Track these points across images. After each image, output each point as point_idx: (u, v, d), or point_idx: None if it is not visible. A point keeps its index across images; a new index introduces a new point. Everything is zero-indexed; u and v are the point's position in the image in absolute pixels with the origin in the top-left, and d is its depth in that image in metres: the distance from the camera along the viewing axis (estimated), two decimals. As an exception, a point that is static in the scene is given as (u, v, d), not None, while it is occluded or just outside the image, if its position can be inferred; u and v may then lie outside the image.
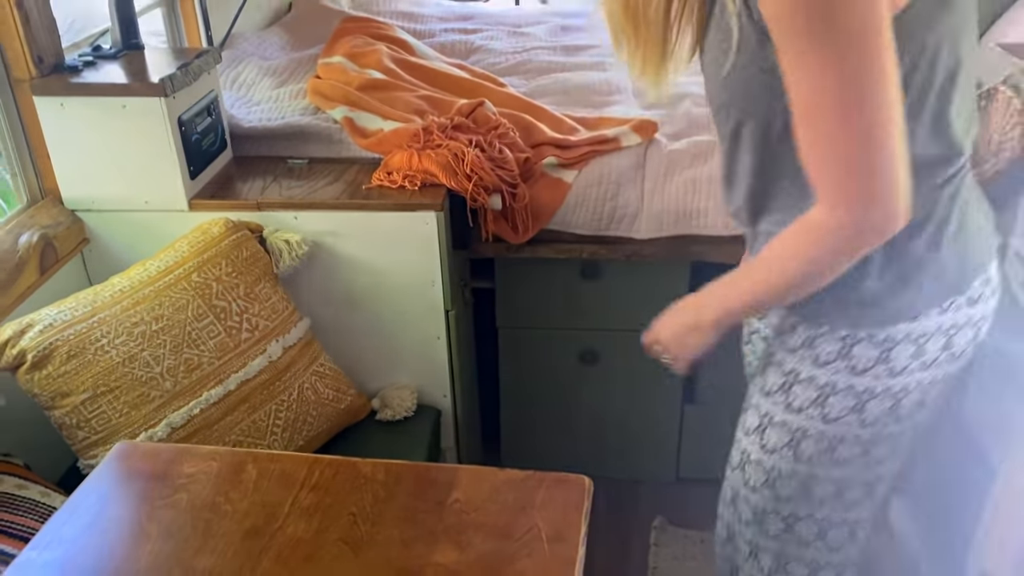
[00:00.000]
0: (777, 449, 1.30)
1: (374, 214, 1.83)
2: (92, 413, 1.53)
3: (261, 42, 2.73)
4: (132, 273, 1.66)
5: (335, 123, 2.07)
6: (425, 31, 2.97)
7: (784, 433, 1.29)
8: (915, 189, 1.01)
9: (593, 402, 2.31)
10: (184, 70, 1.77)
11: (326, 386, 1.82)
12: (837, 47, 0.93)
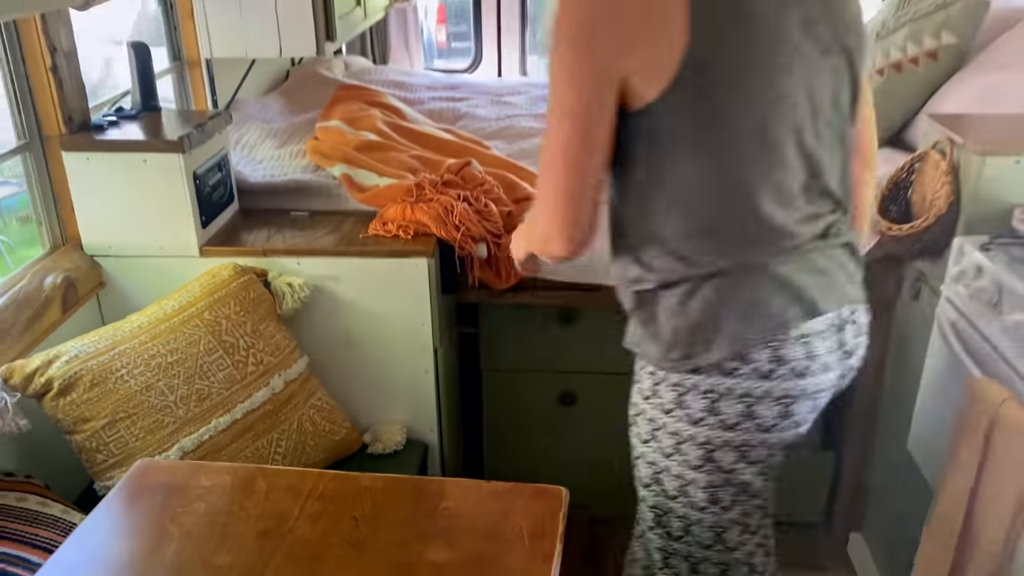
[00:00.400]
0: (641, 480, 1.53)
1: (371, 260, 2.00)
2: (111, 437, 1.66)
3: (262, 107, 2.94)
4: (149, 311, 1.82)
5: (334, 179, 2.25)
6: (415, 99, 3.18)
7: (643, 464, 1.50)
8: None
9: (572, 441, 2.45)
10: (200, 129, 1.96)
11: (323, 419, 1.96)
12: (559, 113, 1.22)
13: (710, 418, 1.36)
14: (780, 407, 1.35)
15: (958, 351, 1.74)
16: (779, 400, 1.34)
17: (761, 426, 1.36)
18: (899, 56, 2.59)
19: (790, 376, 1.33)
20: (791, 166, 1.30)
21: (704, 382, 1.34)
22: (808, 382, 1.35)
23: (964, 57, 2.53)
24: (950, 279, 1.84)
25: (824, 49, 1.29)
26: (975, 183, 1.82)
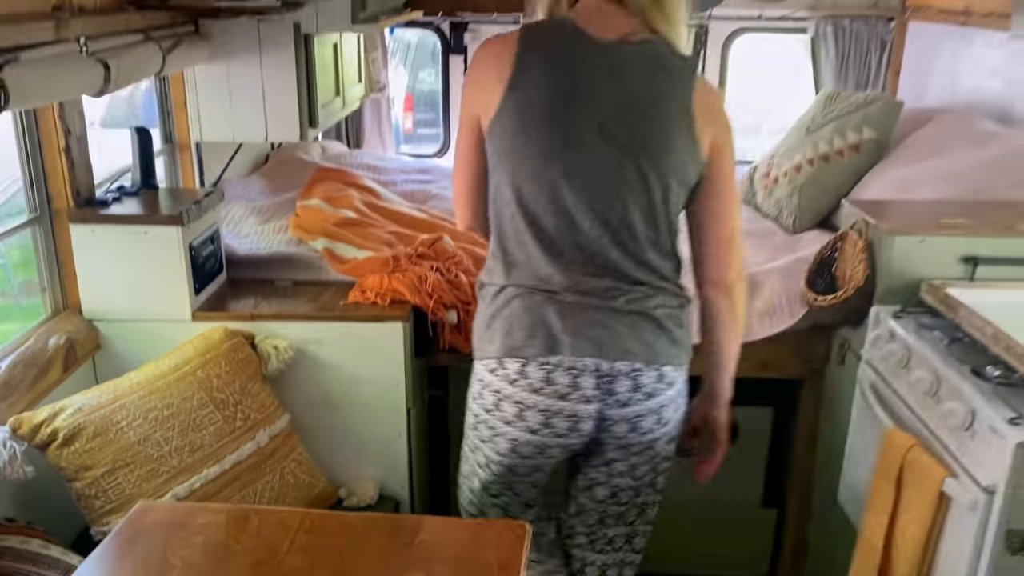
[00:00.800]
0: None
1: (350, 324, 2.19)
2: (109, 484, 1.80)
3: (245, 187, 3.14)
4: (147, 369, 1.98)
5: (316, 252, 2.45)
6: (389, 180, 3.42)
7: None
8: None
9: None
10: (197, 205, 2.16)
11: (303, 472, 2.11)
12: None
13: (496, 411, 1.69)
14: (543, 417, 1.65)
15: (875, 406, 1.96)
16: (543, 411, 1.65)
17: (529, 428, 1.67)
18: (827, 149, 2.89)
19: (553, 395, 1.64)
20: (553, 228, 1.62)
21: (495, 382, 1.68)
22: (566, 404, 1.64)
23: (883, 150, 2.85)
24: (869, 344, 2.08)
25: (614, 149, 1.59)
26: (887, 259, 2.08)
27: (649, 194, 1.61)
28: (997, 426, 1.56)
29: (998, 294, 1.99)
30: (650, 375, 1.64)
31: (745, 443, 2.62)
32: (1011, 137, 2.51)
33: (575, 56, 1.60)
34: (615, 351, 1.62)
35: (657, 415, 1.68)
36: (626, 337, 1.63)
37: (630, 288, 1.64)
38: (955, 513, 1.66)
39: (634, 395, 1.64)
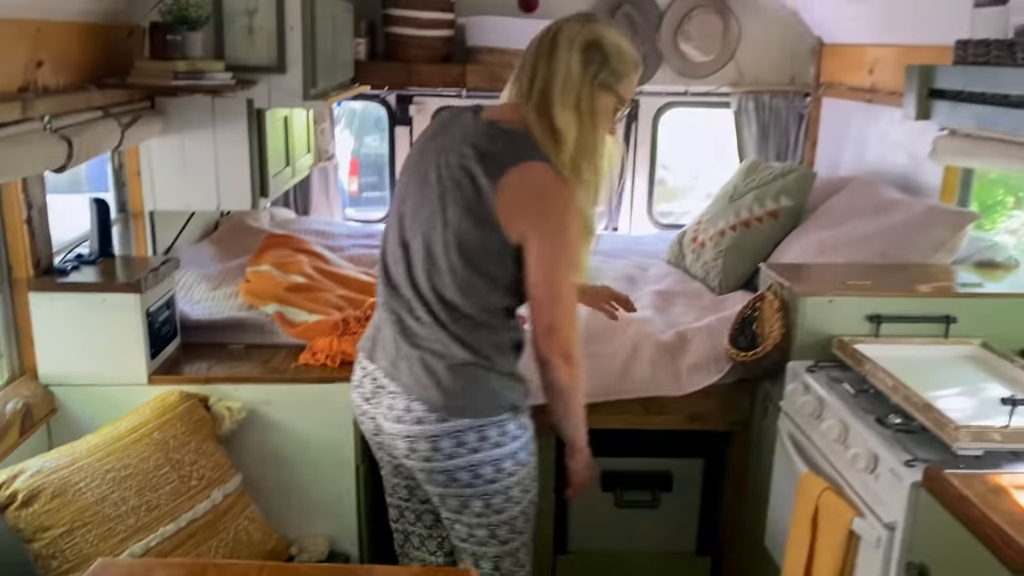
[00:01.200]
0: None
1: (301, 386, 2.30)
2: (67, 545, 1.86)
3: (196, 253, 3.24)
4: (104, 431, 2.05)
5: (268, 316, 2.56)
6: (337, 246, 3.54)
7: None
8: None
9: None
10: (154, 273, 2.26)
11: (256, 529, 2.19)
12: None
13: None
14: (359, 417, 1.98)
15: (792, 453, 2.13)
16: (360, 414, 1.97)
17: (366, 430, 1.98)
18: (747, 215, 3.11)
19: (358, 399, 1.96)
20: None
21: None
22: (367, 407, 1.93)
23: (799, 216, 3.08)
24: (787, 396, 2.26)
25: (436, 207, 1.81)
26: (801, 318, 2.27)
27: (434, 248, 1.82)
28: (896, 468, 1.73)
29: (900, 349, 2.19)
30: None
31: (678, 493, 2.77)
32: (912, 205, 2.75)
33: (449, 124, 1.88)
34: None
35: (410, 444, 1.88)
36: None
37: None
38: (863, 549, 1.82)
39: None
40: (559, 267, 1.79)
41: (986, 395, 1.95)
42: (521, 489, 1.91)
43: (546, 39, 1.80)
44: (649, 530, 2.81)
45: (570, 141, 1.77)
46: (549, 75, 1.77)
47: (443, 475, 1.86)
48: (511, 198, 1.74)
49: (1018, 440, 1.70)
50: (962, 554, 1.50)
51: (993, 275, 2.48)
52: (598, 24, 1.82)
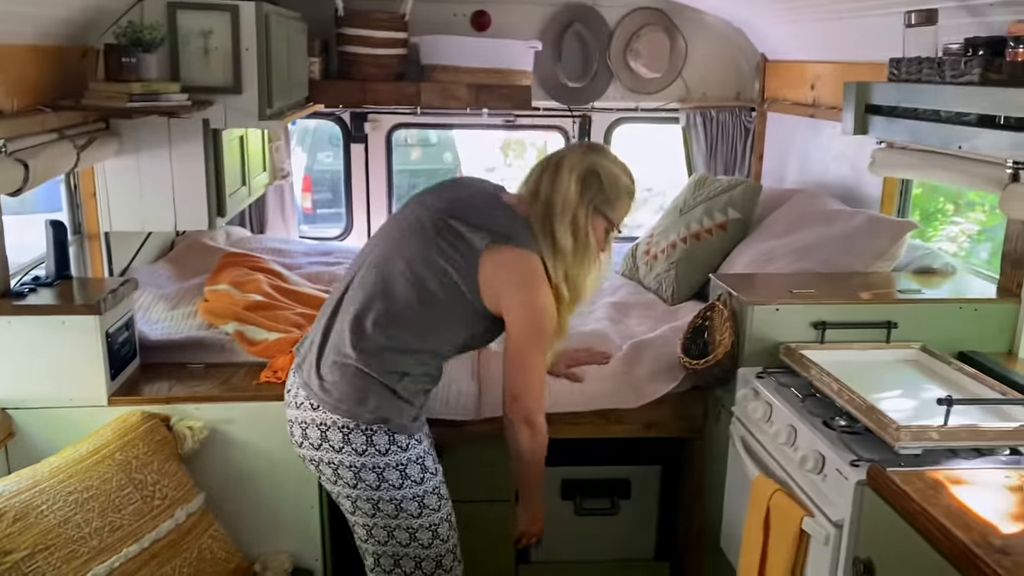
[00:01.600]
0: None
1: (262, 404, 2.31)
2: (30, 568, 1.85)
3: (152, 273, 3.23)
4: (66, 453, 2.05)
5: (227, 335, 2.57)
6: (294, 263, 3.55)
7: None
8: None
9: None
10: (113, 294, 2.26)
11: (219, 548, 2.20)
12: None
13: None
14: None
15: (744, 457, 2.20)
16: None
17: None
18: (697, 228, 3.20)
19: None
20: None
21: None
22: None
23: (747, 228, 3.18)
24: (738, 401, 2.33)
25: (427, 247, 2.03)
26: (749, 326, 2.35)
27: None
28: (842, 468, 1.81)
29: (844, 354, 2.28)
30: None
31: (637, 500, 2.83)
32: (853, 215, 2.87)
33: (470, 189, 2.20)
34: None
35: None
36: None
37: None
38: (813, 547, 1.89)
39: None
40: (531, 345, 2.04)
41: (925, 396, 2.05)
42: (394, 506, 2.03)
43: (552, 161, 2.10)
44: (609, 537, 2.87)
45: (567, 252, 2.04)
46: (551, 193, 2.04)
47: (311, 464, 2.05)
48: (498, 273, 1.99)
49: (954, 438, 1.79)
50: (905, 547, 1.58)
51: (931, 282, 2.59)
52: (599, 155, 2.10)
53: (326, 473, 2.03)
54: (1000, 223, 2.61)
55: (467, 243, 1.99)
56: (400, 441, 2.00)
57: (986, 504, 1.56)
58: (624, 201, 2.11)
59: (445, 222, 2.02)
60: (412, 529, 2.06)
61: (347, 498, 2.05)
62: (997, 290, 2.46)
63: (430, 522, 2.07)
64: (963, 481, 1.65)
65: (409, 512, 2.04)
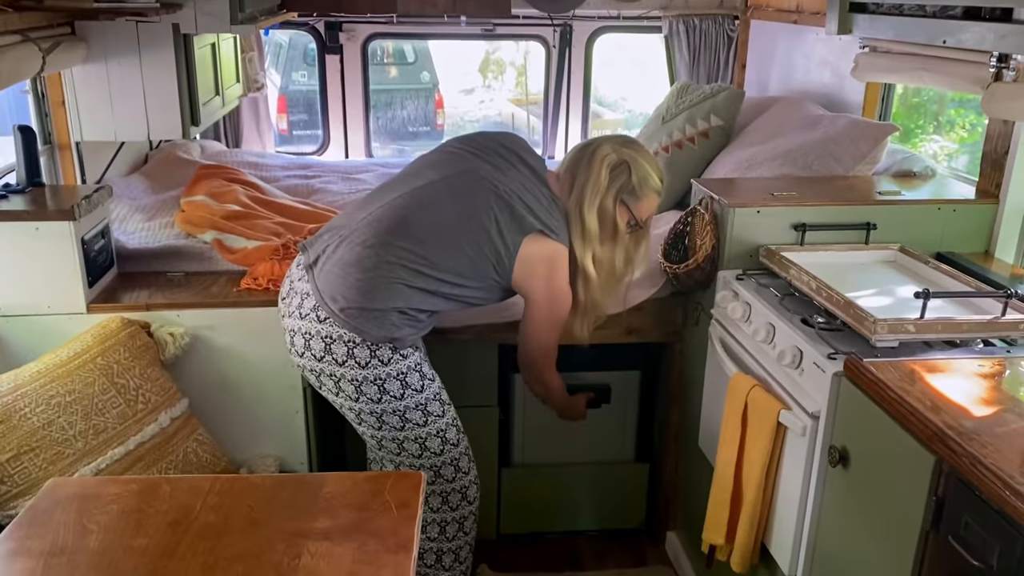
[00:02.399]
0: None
1: (244, 310, 2.31)
2: (15, 469, 1.86)
3: (127, 186, 3.18)
4: (46, 359, 2.04)
5: (206, 244, 2.55)
6: (271, 177, 3.51)
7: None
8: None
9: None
10: (88, 200, 2.22)
11: (205, 452, 2.21)
12: None
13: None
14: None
15: (722, 356, 2.23)
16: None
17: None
18: (680, 136, 3.18)
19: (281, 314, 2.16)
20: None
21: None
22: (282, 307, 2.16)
23: (729, 135, 3.16)
24: (717, 303, 2.35)
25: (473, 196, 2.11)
26: (730, 229, 2.35)
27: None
28: (819, 362, 1.84)
29: (823, 255, 2.29)
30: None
31: (617, 404, 2.87)
32: (835, 119, 2.85)
33: (520, 152, 2.22)
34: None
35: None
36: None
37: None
38: (790, 439, 1.94)
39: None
40: (548, 327, 2.22)
41: (903, 294, 2.07)
42: (398, 418, 2.09)
43: (589, 148, 2.19)
44: (590, 441, 2.92)
45: (594, 236, 2.15)
46: (585, 182, 2.14)
47: (312, 374, 2.09)
48: (535, 260, 2.11)
49: (930, 331, 1.82)
50: (879, 434, 1.61)
51: (911, 184, 2.59)
52: (633, 150, 2.19)
53: (327, 385, 2.07)
54: (979, 141, 2.61)
55: (517, 224, 2.07)
56: (401, 351, 2.06)
57: (959, 390, 1.59)
58: (650, 198, 2.21)
59: (505, 196, 2.08)
60: (421, 439, 2.12)
61: (351, 411, 2.10)
62: (976, 191, 2.47)
63: (436, 428, 2.13)
64: (937, 370, 1.68)
65: (415, 422, 2.09)
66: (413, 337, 2.11)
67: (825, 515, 1.84)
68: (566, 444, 2.91)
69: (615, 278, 2.27)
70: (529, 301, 2.19)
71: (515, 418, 2.89)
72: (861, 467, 1.70)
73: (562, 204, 2.16)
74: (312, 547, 1.50)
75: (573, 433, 2.83)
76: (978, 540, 1.35)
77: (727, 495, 2.09)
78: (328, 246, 2.07)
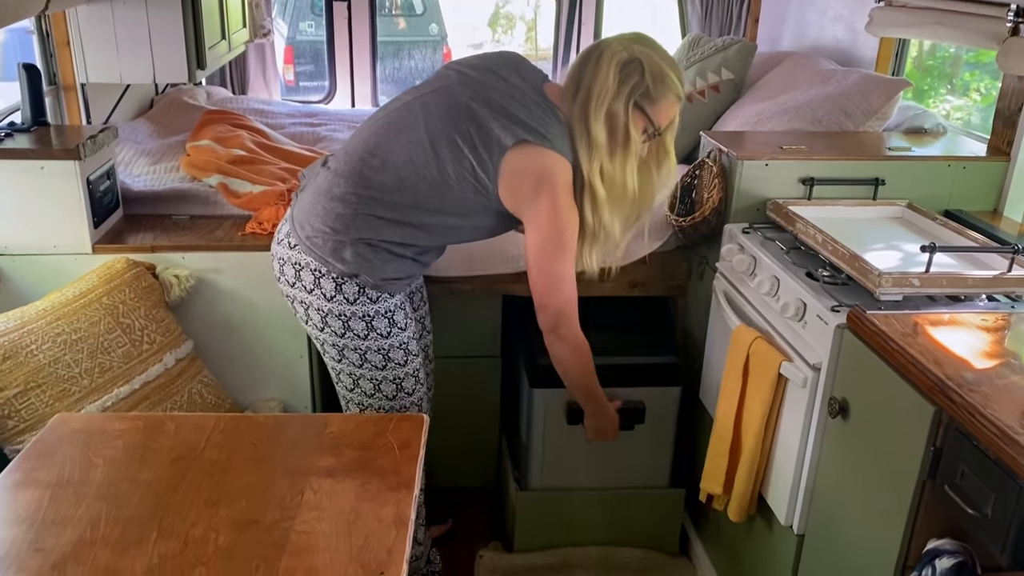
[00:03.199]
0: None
1: (249, 254, 2.30)
2: (22, 405, 1.88)
3: (132, 130, 3.16)
4: (52, 297, 2.05)
5: (211, 188, 2.54)
6: (277, 124, 3.48)
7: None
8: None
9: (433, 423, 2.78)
10: (93, 140, 2.21)
11: (209, 393, 2.23)
12: None
13: None
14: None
15: (726, 309, 2.23)
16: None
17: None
18: (690, 89, 3.14)
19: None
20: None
21: None
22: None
23: (739, 89, 3.12)
24: (722, 256, 2.35)
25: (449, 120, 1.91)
26: (737, 182, 2.34)
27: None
28: (823, 314, 1.84)
29: (830, 210, 2.28)
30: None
31: (651, 424, 2.56)
32: (847, 74, 2.81)
33: (516, 66, 1.98)
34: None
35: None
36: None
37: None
38: (790, 391, 1.95)
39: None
40: (551, 254, 1.91)
41: (909, 250, 2.06)
42: (358, 356, 2.03)
43: (595, 52, 1.88)
44: (618, 464, 2.60)
45: (601, 147, 1.87)
46: (591, 84, 1.85)
47: (287, 299, 2.04)
48: (522, 175, 1.86)
49: (934, 285, 1.82)
50: (880, 385, 1.62)
51: (922, 141, 2.57)
52: (644, 45, 1.87)
53: (299, 311, 2.03)
54: (992, 104, 2.57)
55: (499, 134, 1.84)
56: (370, 294, 1.96)
57: (961, 343, 1.59)
58: (669, 100, 1.89)
59: (485, 106, 1.87)
60: (376, 381, 2.05)
61: (316, 339, 2.06)
62: (987, 148, 2.45)
63: (395, 375, 2.06)
64: (940, 323, 1.68)
65: (373, 364, 2.03)
66: (396, 282, 1.98)
67: (823, 466, 1.86)
68: (591, 467, 2.58)
69: (628, 198, 1.95)
70: (526, 225, 1.91)
71: (533, 436, 2.53)
72: (860, 418, 1.71)
73: (564, 114, 1.89)
74: (315, 484, 1.52)
75: (599, 455, 2.54)
76: (974, 489, 1.36)
77: (726, 445, 2.10)
78: (315, 175, 2.00)
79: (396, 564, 1.32)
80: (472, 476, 2.95)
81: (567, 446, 2.52)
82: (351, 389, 2.10)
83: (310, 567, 1.31)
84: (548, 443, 2.52)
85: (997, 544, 1.31)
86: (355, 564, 1.32)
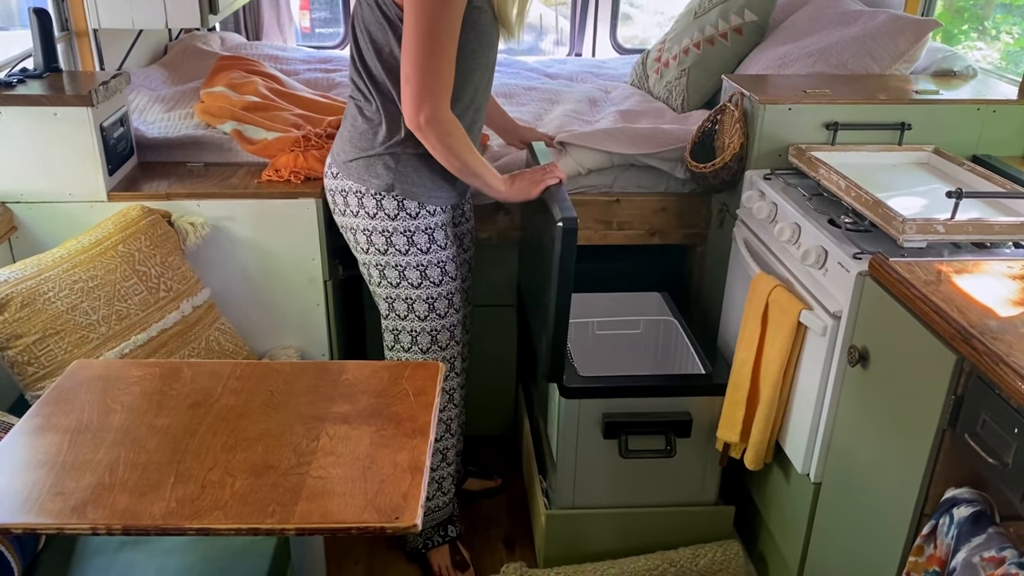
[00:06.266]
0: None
1: (266, 201, 2.29)
2: (41, 351, 1.90)
3: (147, 77, 3.14)
4: (68, 245, 2.05)
5: (225, 135, 2.52)
6: (291, 70, 3.44)
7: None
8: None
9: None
10: (105, 86, 2.19)
11: (227, 340, 2.24)
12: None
13: None
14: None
15: (746, 257, 2.20)
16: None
17: None
18: (712, 32, 3.07)
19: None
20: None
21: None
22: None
23: (763, 32, 3.04)
24: (743, 203, 2.31)
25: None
26: (759, 127, 2.29)
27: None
28: (844, 262, 1.81)
29: (854, 155, 2.23)
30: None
31: (698, 437, 2.33)
32: (873, 16, 2.73)
33: None
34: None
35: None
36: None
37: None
38: (810, 339, 1.92)
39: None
40: (427, 39, 1.78)
41: (935, 196, 2.01)
42: (397, 273, 2.10)
43: None
44: (659, 480, 2.38)
45: None
46: None
47: (342, 230, 2.13)
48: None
49: (960, 231, 1.78)
50: (901, 333, 1.59)
51: (950, 84, 2.50)
52: None
53: (351, 239, 2.13)
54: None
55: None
56: (409, 208, 2.03)
57: (986, 291, 1.56)
58: None
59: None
60: (410, 300, 2.12)
61: (363, 265, 2.15)
62: (1019, 91, 2.37)
63: (428, 295, 2.11)
64: (965, 271, 1.65)
65: (410, 281, 2.10)
66: (431, 195, 2.02)
67: (841, 414, 1.85)
68: (628, 483, 2.36)
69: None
70: (405, 14, 1.79)
71: (564, 451, 2.28)
72: (880, 367, 1.69)
73: None
74: (331, 430, 1.53)
75: (639, 470, 2.33)
76: (995, 438, 1.34)
77: (743, 394, 2.09)
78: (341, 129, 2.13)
79: (411, 509, 1.33)
80: (490, 424, 2.97)
81: (604, 462, 2.30)
82: (386, 316, 2.18)
83: (325, 511, 1.32)
84: (580, 458, 2.28)
85: (1017, 492, 1.29)
86: (370, 509, 1.33)
